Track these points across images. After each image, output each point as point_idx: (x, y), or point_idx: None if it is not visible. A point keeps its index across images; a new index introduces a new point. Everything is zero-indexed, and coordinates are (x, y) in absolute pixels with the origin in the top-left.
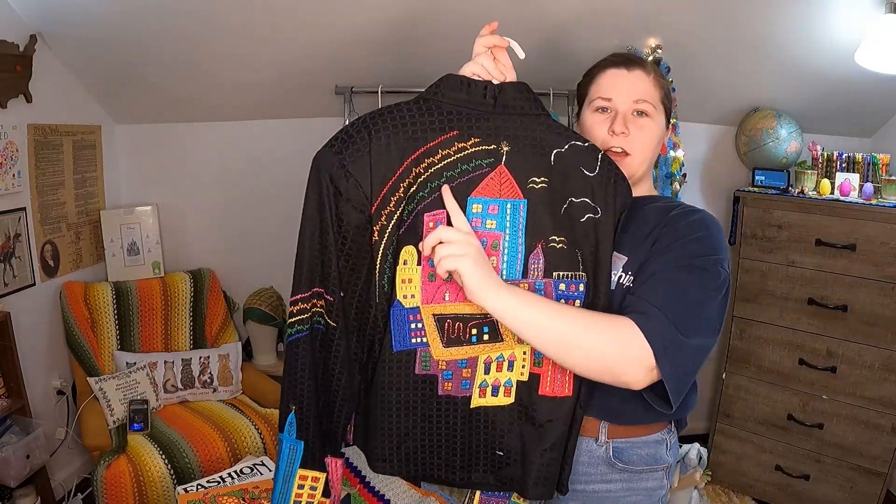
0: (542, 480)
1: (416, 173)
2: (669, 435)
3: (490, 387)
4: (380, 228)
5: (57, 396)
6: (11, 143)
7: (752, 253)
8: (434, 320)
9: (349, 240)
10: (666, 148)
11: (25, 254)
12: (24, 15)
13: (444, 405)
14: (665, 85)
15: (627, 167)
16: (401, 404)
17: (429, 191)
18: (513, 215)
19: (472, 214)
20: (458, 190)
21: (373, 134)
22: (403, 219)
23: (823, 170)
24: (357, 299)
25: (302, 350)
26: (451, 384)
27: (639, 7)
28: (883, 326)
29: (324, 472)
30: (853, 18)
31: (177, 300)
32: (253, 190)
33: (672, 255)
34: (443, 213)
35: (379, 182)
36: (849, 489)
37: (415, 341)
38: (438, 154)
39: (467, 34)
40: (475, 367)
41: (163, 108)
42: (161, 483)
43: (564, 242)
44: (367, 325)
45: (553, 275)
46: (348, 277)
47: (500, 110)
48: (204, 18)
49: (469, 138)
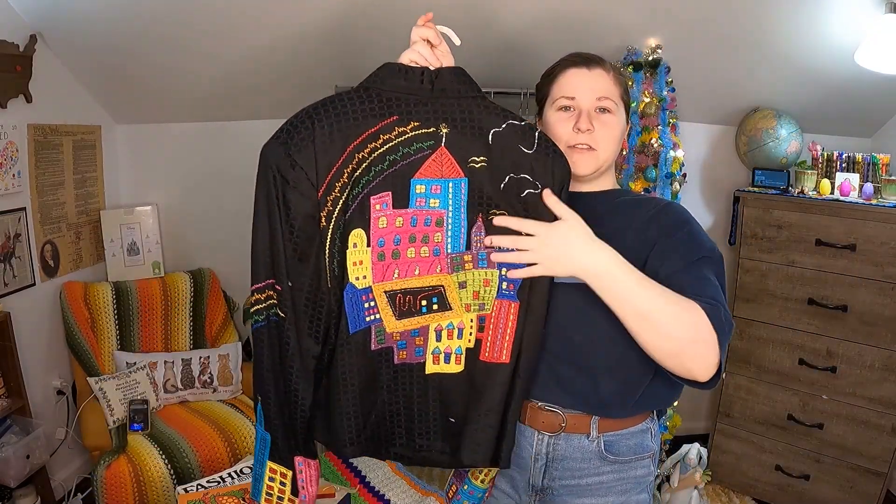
0: (474, 444)
1: (359, 158)
2: (653, 423)
3: (442, 354)
4: (326, 214)
5: (57, 396)
6: (11, 143)
7: (752, 253)
8: (386, 297)
9: (297, 228)
10: (627, 145)
11: (25, 254)
12: (24, 15)
13: (401, 373)
14: (624, 82)
15: (594, 162)
16: (362, 384)
17: (373, 174)
18: (455, 193)
19: (416, 195)
20: (401, 172)
21: (316, 123)
22: (349, 203)
23: (823, 170)
24: (307, 288)
25: (263, 341)
26: (406, 352)
27: (639, 7)
28: (883, 326)
29: (290, 470)
30: (853, 18)
31: (177, 300)
32: (253, 190)
33: (683, 261)
34: (388, 194)
35: (324, 169)
36: (849, 489)
37: (369, 319)
38: (380, 139)
39: (467, 30)
40: (427, 334)
41: (163, 108)
42: (161, 483)
43: (505, 215)
44: (321, 313)
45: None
46: (297, 267)
47: (437, 94)
48: (204, 18)
49: (409, 122)
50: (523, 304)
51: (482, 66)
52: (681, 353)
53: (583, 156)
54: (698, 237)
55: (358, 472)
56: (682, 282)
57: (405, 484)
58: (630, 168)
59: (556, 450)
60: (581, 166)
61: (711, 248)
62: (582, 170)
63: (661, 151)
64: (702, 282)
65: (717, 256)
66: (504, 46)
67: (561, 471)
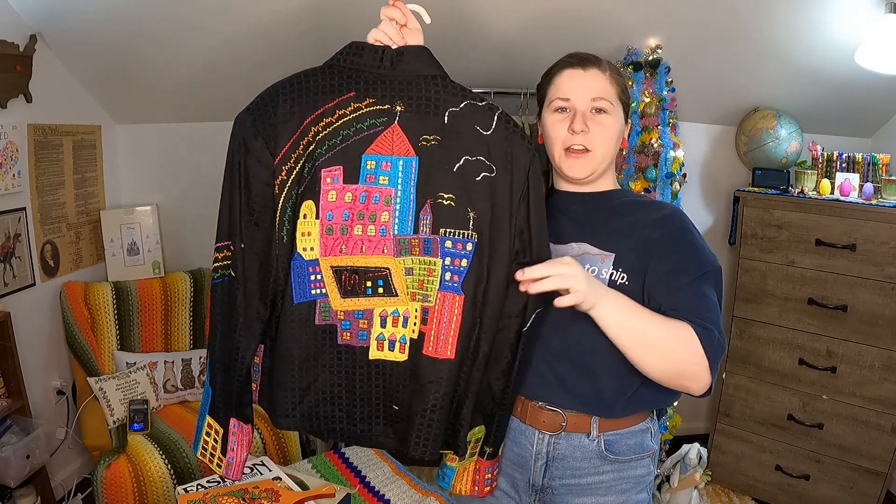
0: (423, 440)
1: (314, 132)
2: (652, 423)
3: (387, 341)
4: (280, 182)
5: (57, 396)
6: (11, 143)
7: (752, 253)
8: (332, 272)
9: (253, 194)
10: (626, 143)
11: (25, 254)
12: (24, 15)
13: (344, 354)
14: (621, 81)
15: (590, 164)
16: (302, 357)
17: (326, 148)
18: (405, 172)
19: (366, 170)
20: (353, 147)
21: (280, 97)
22: (304, 175)
23: (823, 170)
24: (260, 252)
25: (216, 297)
26: (349, 334)
27: (639, 7)
28: (883, 326)
29: (223, 428)
30: (853, 18)
31: (177, 300)
32: None
33: (687, 276)
34: (339, 168)
35: (283, 140)
36: (849, 489)
37: (314, 292)
38: (336, 114)
39: (467, 30)
40: (371, 318)
41: (163, 108)
42: (161, 483)
43: (454, 200)
44: (269, 279)
45: (440, 231)
46: (252, 231)
47: (398, 74)
48: (203, 18)
49: (364, 99)
50: (469, 298)
51: (482, 66)
52: (679, 376)
53: (578, 159)
54: (701, 251)
55: (358, 471)
56: (683, 300)
57: (405, 484)
58: (630, 168)
59: (557, 449)
60: (577, 170)
61: (712, 262)
62: (578, 173)
63: (661, 151)
64: (701, 301)
65: (717, 270)
66: (504, 46)
67: (561, 470)
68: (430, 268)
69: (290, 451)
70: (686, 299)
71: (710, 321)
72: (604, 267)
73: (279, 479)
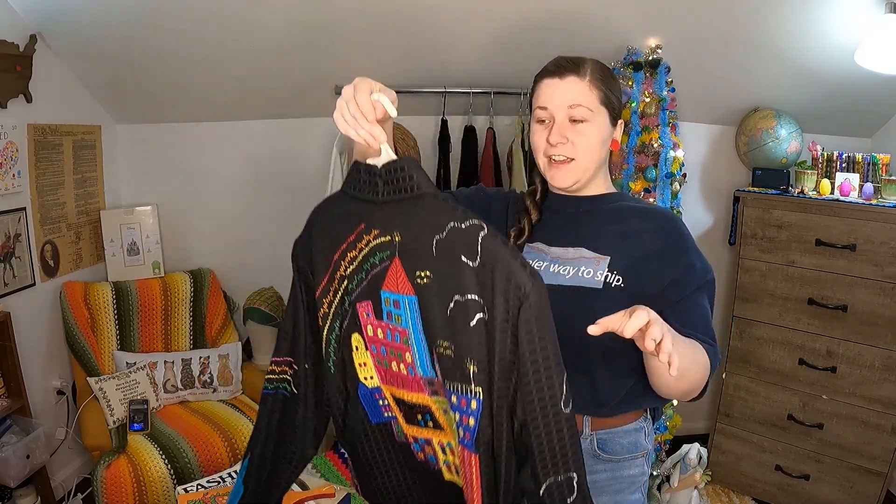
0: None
1: (344, 266)
2: (646, 422)
3: (452, 465)
4: (322, 315)
5: (57, 396)
6: (11, 143)
7: (752, 253)
8: (393, 399)
9: (314, 318)
10: (618, 144)
11: (25, 254)
12: (24, 15)
13: (422, 470)
14: (605, 84)
15: (573, 174)
16: (387, 468)
17: (356, 283)
18: (411, 311)
19: (385, 307)
20: (373, 282)
21: (315, 225)
22: (346, 308)
23: (823, 170)
24: (321, 375)
25: (266, 406)
26: (422, 455)
27: (639, 7)
28: (883, 326)
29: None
30: (853, 18)
31: (177, 300)
32: (253, 190)
33: (688, 288)
34: (368, 304)
35: (321, 272)
36: (849, 489)
37: (386, 415)
38: (356, 248)
39: (467, 29)
40: (433, 446)
41: (163, 108)
42: (161, 483)
43: (451, 349)
44: (325, 400)
45: (445, 384)
46: (315, 350)
47: (386, 197)
48: (203, 18)
49: (371, 230)
50: (484, 457)
51: (482, 66)
52: (686, 394)
53: (560, 169)
54: (699, 261)
55: None
56: (685, 313)
57: None
58: (630, 168)
59: None
60: (559, 179)
61: (709, 272)
62: (561, 182)
63: (661, 151)
64: (703, 314)
65: (712, 278)
66: (504, 46)
67: None
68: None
69: None
70: (690, 315)
71: (711, 335)
72: (599, 269)
73: None
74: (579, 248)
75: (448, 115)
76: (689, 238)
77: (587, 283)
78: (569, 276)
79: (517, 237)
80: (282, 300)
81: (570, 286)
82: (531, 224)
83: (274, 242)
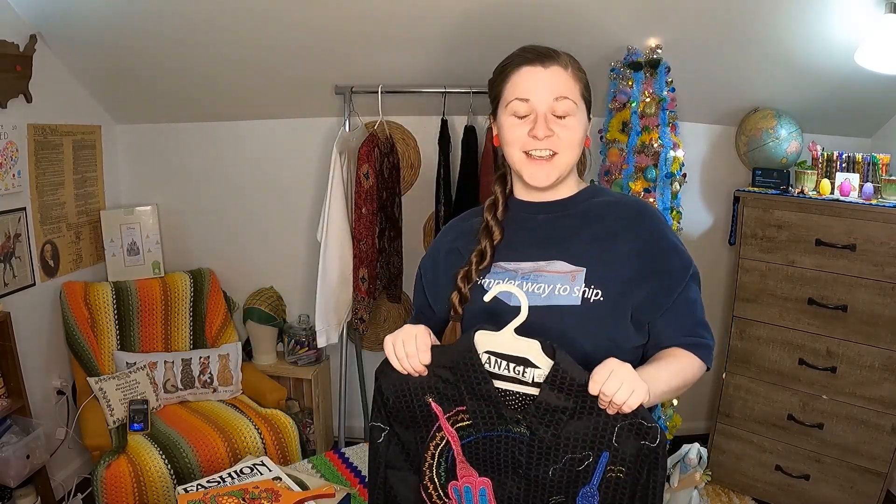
0: None
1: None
2: None
3: None
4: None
5: (57, 396)
6: (11, 143)
7: (752, 253)
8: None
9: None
10: (590, 141)
11: (25, 254)
12: (24, 15)
13: None
14: (583, 76)
15: (554, 171)
16: None
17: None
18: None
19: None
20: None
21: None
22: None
23: (823, 170)
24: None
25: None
26: None
27: (639, 7)
28: (883, 326)
29: None
30: (853, 18)
31: (177, 300)
32: (253, 190)
33: (677, 289)
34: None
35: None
36: (849, 489)
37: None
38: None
39: (467, 29)
40: None
41: (163, 108)
42: (161, 483)
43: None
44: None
45: None
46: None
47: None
48: (203, 18)
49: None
50: None
51: (478, 63)
52: (683, 391)
53: (540, 167)
54: (678, 258)
55: (358, 471)
56: (673, 320)
57: None
58: (630, 168)
59: None
60: (539, 178)
61: (690, 261)
62: (541, 181)
63: (661, 151)
64: (693, 310)
65: (695, 271)
66: (502, 45)
67: None
68: None
69: (290, 451)
70: (680, 319)
71: (702, 328)
72: (575, 285)
73: (279, 479)
74: (552, 262)
75: (448, 115)
76: (663, 230)
77: (564, 300)
78: (544, 296)
79: (478, 262)
80: (282, 300)
81: (545, 306)
82: (493, 247)
83: (274, 242)
